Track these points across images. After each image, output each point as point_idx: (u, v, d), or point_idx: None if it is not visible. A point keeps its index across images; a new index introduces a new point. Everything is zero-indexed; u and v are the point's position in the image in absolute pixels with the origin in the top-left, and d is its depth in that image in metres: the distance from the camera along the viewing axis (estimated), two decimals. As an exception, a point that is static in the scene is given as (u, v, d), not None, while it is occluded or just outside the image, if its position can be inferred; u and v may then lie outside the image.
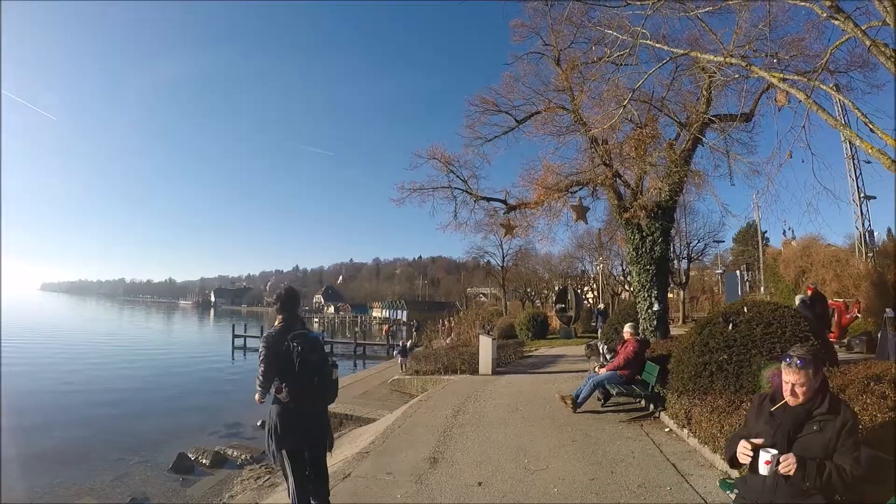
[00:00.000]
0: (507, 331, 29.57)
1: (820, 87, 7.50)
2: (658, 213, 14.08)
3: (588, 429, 8.20)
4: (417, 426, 9.14)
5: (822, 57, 8.02)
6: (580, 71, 14.75)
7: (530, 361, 18.52)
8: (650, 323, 13.90)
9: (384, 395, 16.15)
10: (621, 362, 9.53)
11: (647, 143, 13.64)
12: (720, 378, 7.17)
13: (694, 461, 6.23)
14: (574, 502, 5.17)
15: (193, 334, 73.54)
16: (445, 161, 17.14)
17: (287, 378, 4.54)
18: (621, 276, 47.72)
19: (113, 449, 15.47)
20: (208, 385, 29.16)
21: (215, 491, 11.71)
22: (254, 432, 17.92)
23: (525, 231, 17.30)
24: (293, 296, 5.04)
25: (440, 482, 5.97)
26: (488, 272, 59.86)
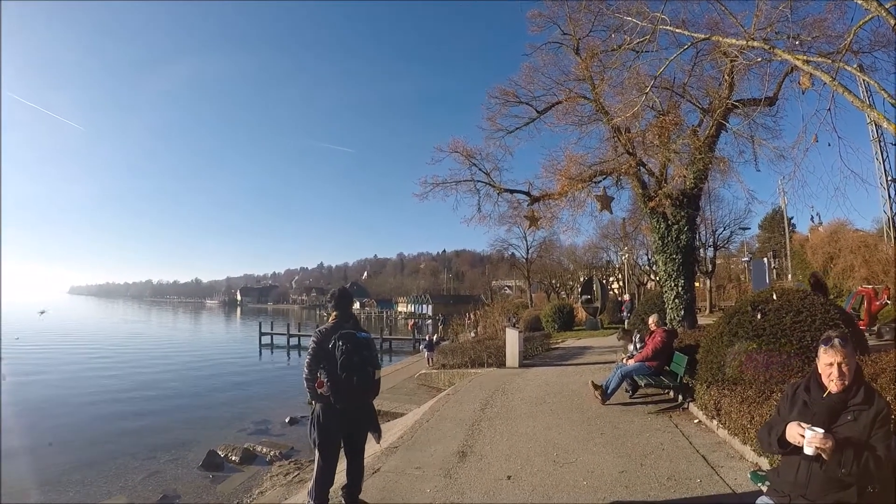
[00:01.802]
0: (533, 323, 29.52)
1: (844, 69, 7.34)
2: (683, 202, 13.93)
3: (616, 421, 8.17)
4: (445, 420, 9.16)
5: (846, 37, 7.85)
6: (600, 59, 14.58)
7: (557, 353, 18.49)
8: (677, 313, 13.78)
9: (411, 390, 16.25)
10: (649, 353, 9.47)
11: (671, 131, 13.48)
12: (749, 367, 7.08)
13: (724, 453, 6.17)
14: (604, 495, 5.14)
15: (221, 333, 74.44)
16: (467, 154, 17.09)
17: (329, 374, 4.71)
18: (647, 266, 47.33)
19: (144, 447, 15.77)
20: (236, 383, 29.59)
21: (245, 487, 11.89)
22: (282, 429, 18.16)
23: (549, 222, 17.19)
24: (345, 295, 5.27)
25: (469, 476, 5.98)
26: (513, 264, 59.85)
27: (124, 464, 14.17)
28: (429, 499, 5.36)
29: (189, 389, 26.86)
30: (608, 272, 55.18)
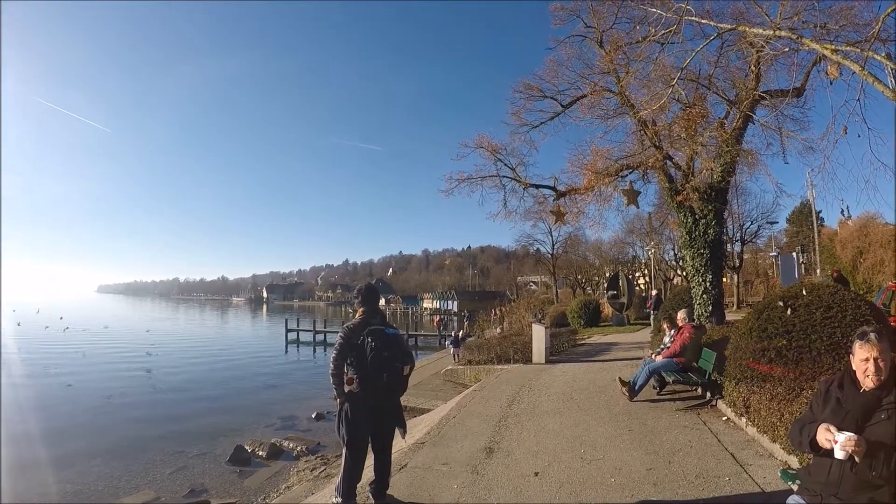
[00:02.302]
0: (559, 319, 29.38)
1: (873, 58, 7.19)
2: (711, 195, 13.74)
3: (644, 417, 8.14)
4: (472, 416, 9.18)
5: (874, 25, 7.70)
6: (624, 52, 14.40)
7: (583, 349, 18.42)
8: (705, 308, 13.63)
9: (437, 386, 16.31)
10: (677, 349, 9.41)
11: (697, 123, 13.29)
12: (779, 364, 7.01)
13: (753, 451, 6.12)
14: (632, 493, 5.13)
15: (247, 330, 75.25)
16: (492, 150, 16.95)
17: (358, 371, 4.78)
18: (673, 261, 46.83)
19: (171, 442, 16.02)
20: (263, 379, 29.87)
21: (272, 482, 12.06)
22: (308, 424, 18.32)
23: (575, 217, 17.06)
24: (372, 291, 5.32)
25: (496, 472, 5.99)
26: (538, 260, 59.53)
27: (152, 458, 14.42)
28: (456, 495, 5.38)
29: (217, 385, 27.27)
30: (634, 267, 54.70)
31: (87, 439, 16.30)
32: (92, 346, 41.93)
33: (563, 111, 16.36)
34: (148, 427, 18.01)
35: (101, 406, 21.36)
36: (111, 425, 18.23)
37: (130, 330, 61.57)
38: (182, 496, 11.68)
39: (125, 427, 18.03)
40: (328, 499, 5.56)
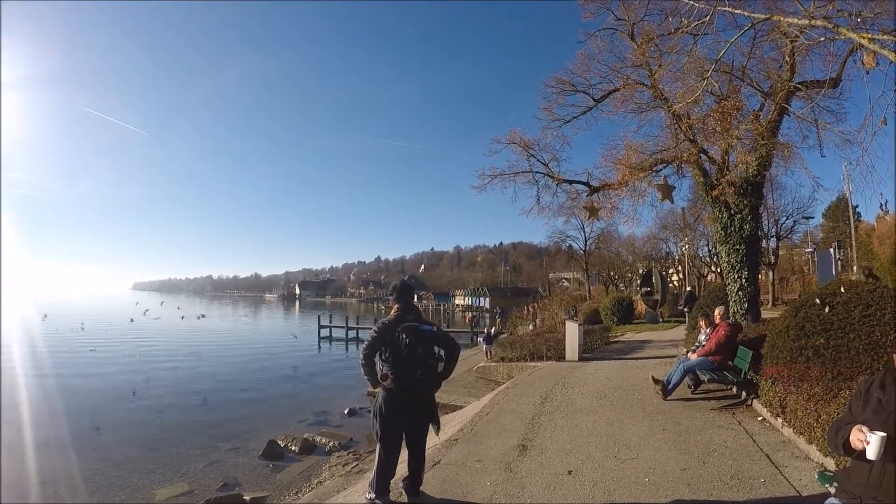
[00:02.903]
0: (592, 316, 29.16)
1: (910, 46, 7.02)
2: (747, 190, 13.51)
3: (678, 417, 8.09)
4: (505, 413, 9.22)
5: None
6: (656, 44, 14.12)
7: (616, 347, 18.33)
8: (741, 306, 13.43)
9: (470, 383, 16.33)
10: (713, 347, 9.32)
11: (732, 116, 13.05)
12: (816, 364, 6.90)
13: (788, 452, 6.05)
14: (666, 493, 5.12)
15: (280, 326, 76.01)
16: (525, 145, 16.80)
17: (393, 367, 4.81)
18: (707, 258, 46.14)
19: (205, 436, 16.26)
20: (296, 374, 30.23)
21: (304, 477, 12.14)
22: (341, 420, 18.49)
23: (609, 213, 16.79)
24: (406, 287, 5.35)
25: (530, 470, 6.01)
26: (570, 256, 59.15)
27: (185, 452, 14.63)
28: (489, 492, 5.40)
29: (250, 381, 27.60)
30: (668, 264, 54.01)
31: (122, 432, 16.69)
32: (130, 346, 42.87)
33: (596, 105, 16.15)
34: (182, 421, 18.38)
35: (136, 400, 21.90)
36: (146, 419, 18.64)
37: (166, 327, 62.94)
38: (215, 489, 11.81)
39: (160, 421, 18.43)
40: (361, 494, 5.62)
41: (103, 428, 17.03)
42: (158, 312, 69.68)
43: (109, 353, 36.69)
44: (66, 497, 11.63)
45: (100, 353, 36.30)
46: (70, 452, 14.38)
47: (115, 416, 19.10)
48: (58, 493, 11.79)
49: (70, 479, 12.47)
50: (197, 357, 34.66)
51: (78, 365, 30.45)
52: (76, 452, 14.36)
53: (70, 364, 30.78)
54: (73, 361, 31.85)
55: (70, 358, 33.16)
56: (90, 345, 39.63)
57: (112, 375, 27.81)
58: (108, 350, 37.98)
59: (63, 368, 28.73)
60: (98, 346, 39.34)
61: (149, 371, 29.50)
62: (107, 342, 42.48)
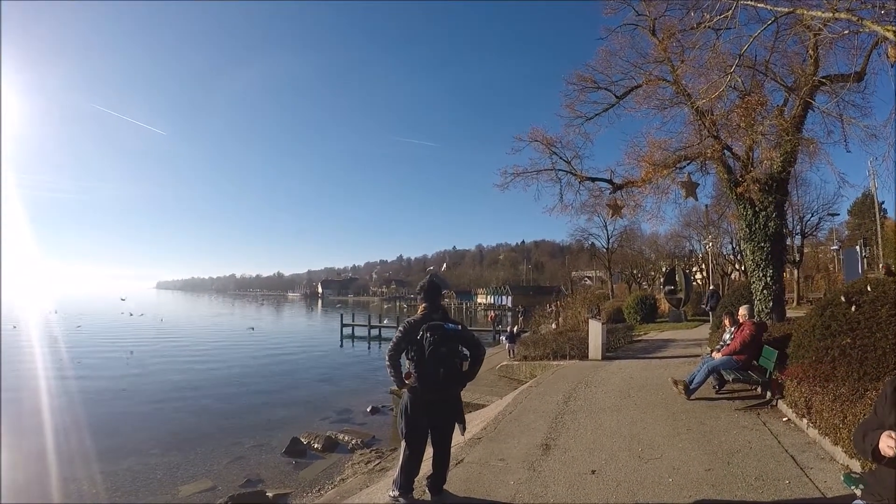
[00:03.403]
0: (615, 315, 28.99)
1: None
2: (772, 186, 13.37)
3: (703, 417, 8.05)
4: (528, 412, 9.24)
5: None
6: (678, 39, 13.99)
7: (640, 346, 18.26)
8: (765, 304, 13.29)
9: (492, 381, 16.35)
10: (737, 347, 9.26)
11: (756, 112, 12.90)
12: (843, 364, 6.80)
13: (813, 453, 6.00)
14: (690, 493, 5.12)
15: (303, 324, 76.78)
16: (547, 143, 16.72)
17: (417, 366, 4.86)
18: (731, 255, 45.63)
19: (229, 433, 16.55)
20: (319, 373, 30.54)
21: (327, 474, 12.40)
22: (364, 418, 18.67)
23: (632, 211, 16.64)
24: (434, 286, 5.34)
25: (553, 469, 6.03)
26: (593, 255, 58.96)
27: (210, 449, 14.93)
28: (512, 491, 5.43)
29: (273, 378, 28.03)
30: (691, 262, 53.47)
31: (147, 430, 17.01)
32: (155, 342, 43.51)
33: (618, 102, 16.06)
34: (206, 418, 18.74)
35: (160, 398, 22.26)
36: (170, 416, 19.02)
37: (191, 326, 63.85)
38: (238, 486, 12.07)
39: (184, 418, 18.79)
40: (385, 492, 5.67)
41: (128, 426, 17.41)
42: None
43: (144, 353, 37.32)
44: (91, 493, 11.88)
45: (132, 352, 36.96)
46: (95, 449, 14.70)
47: (140, 414, 19.49)
48: (81, 490, 12.05)
49: (95, 476, 12.74)
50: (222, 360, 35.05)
51: (109, 367, 31.00)
52: (101, 449, 14.68)
53: (98, 365, 31.44)
54: (104, 363, 32.43)
55: (102, 360, 33.73)
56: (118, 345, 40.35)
57: (139, 375, 28.34)
58: (140, 350, 38.60)
59: (92, 370, 29.31)
60: (126, 346, 40.08)
61: (171, 369, 30.05)
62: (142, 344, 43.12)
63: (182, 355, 36.45)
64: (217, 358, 35.40)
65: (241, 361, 34.19)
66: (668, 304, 29.79)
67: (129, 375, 27.93)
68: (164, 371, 29.71)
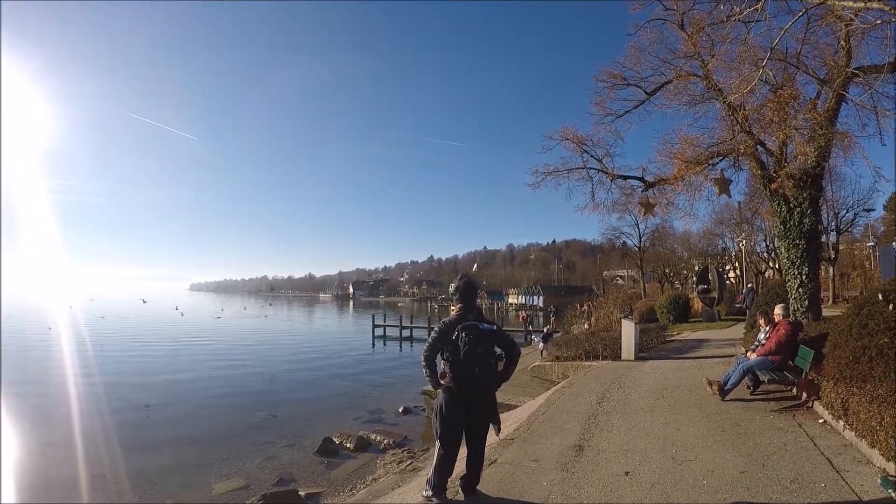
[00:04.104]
0: (648, 314, 28.71)
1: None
2: (806, 182, 13.15)
3: (737, 418, 7.99)
4: (561, 413, 9.26)
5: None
6: (707, 33, 13.76)
7: (673, 346, 18.09)
8: (801, 303, 13.09)
9: (525, 382, 16.33)
10: (773, 347, 9.16)
11: (789, 105, 12.68)
12: (880, 364, 6.68)
13: (850, 456, 5.92)
14: (724, 496, 5.11)
15: (334, 325, 77.39)
16: (578, 141, 16.61)
17: (452, 366, 4.93)
18: (765, 253, 44.87)
19: (262, 432, 16.75)
20: (351, 373, 30.73)
21: (359, 474, 12.46)
22: (395, 418, 18.76)
23: (665, 209, 16.48)
24: (470, 287, 5.35)
25: (586, 470, 6.04)
26: (625, 254, 58.35)
27: (242, 448, 15.09)
28: (545, 492, 5.46)
29: (305, 379, 28.33)
30: (724, 260, 52.68)
31: (181, 429, 17.34)
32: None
33: (648, 98, 15.89)
34: (239, 418, 18.96)
35: (194, 397, 22.72)
36: (205, 416, 19.30)
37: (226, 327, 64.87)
38: (271, 485, 12.20)
39: (217, 417, 19.06)
40: (417, 492, 5.75)
41: (163, 425, 17.80)
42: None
43: (183, 352, 38.11)
44: (123, 491, 12.12)
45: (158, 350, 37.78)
46: (129, 448, 15.00)
47: (174, 412, 19.87)
48: (118, 487, 12.31)
49: (128, 474, 12.98)
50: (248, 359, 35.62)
51: (141, 365, 31.69)
52: (135, 448, 14.99)
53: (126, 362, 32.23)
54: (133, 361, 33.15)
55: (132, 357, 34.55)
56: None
57: (172, 374, 28.89)
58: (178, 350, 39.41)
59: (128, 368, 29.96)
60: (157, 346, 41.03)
61: (206, 370, 30.54)
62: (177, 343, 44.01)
63: (214, 355, 37.14)
64: (250, 358, 35.91)
65: (274, 362, 34.58)
66: (701, 304, 29.42)
67: (167, 374, 28.57)
68: (199, 371, 30.21)
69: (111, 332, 52.52)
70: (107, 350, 37.23)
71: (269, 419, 18.85)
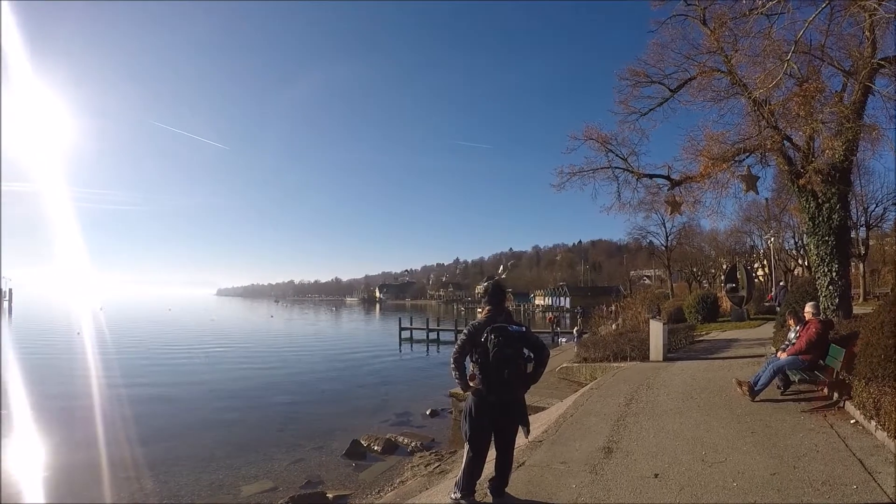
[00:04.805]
0: (676, 314, 28.36)
1: None
2: (834, 177, 12.96)
3: (768, 419, 7.93)
4: (590, 415, 9.24)
5: None
6: (730, 28, 13.63)
7: (702, 347, 17.91)
8: (831, 301, 12.90)
9: (552, 384, 16.29)
10: (803, 346, 9.05)
11: (814, 99, 12.51)
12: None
13: (882, 457, 5.85)
14: (755, 498, 5.07)
15: (362, 328, 77.93)
16: (602, 140, 16.62)
17: (482, 368, 4.94)
18: (794, 251, 44.17)
19: (290, 435, 16.96)
20: (378, 375, 31.07)
21: (386, 476, 12.62)
22: (423, 421, 18.90)
23: (692, 207, 16.39)
24: (499, 289, 5.41)
25: (615, 473, 6.03)
26: (651, 253, 58.00)
27: (271, 451, 15.30)
28: (574, 494, 5.46)
29: (333, 382, 28.63)
30: (752, 258, 51.94)
31: (210, 432, 17.62)
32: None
33: (672, 96, 15.78)
34: (267, 421, 19.25)
35: (223, 400, 23.05)
36: (234, 419, 19.57)
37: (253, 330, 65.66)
38: (299, 487, 12.36)
39: (246, 420, 19.32)
40: (445, 494, 5.79)
41: (192, 427, 18.16)
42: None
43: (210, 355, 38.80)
44: (156, 491, 12.38)
45: (191, 356, 38.38)
46: (159, 449, 15.34)
47: (204, 414, 20.23)
48: (146, 487, 12.57)
49: (158, 475, 13.28)
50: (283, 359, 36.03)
51: (174, 371, 32.10)
52: (163, 450, 15.29)
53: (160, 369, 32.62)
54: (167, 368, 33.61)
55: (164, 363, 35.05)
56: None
57: (202, 376, 29.47)
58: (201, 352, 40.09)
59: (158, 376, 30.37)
60: (187, 350, 41.75)
61: (234, 373, 31.04)
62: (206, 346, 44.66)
63: (243, 358, 37.75)
64: (278, 361, 36.39)
65: (302, 365, 35.03)
66: (729, 303, 29.09)
67: (197, 376, 29.24)
68: (226, 373, 30.81)
69: (138, 336, 53.67)
70: (135, 354, 37.98)
71: (297, 421, 19.11)
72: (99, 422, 18.01)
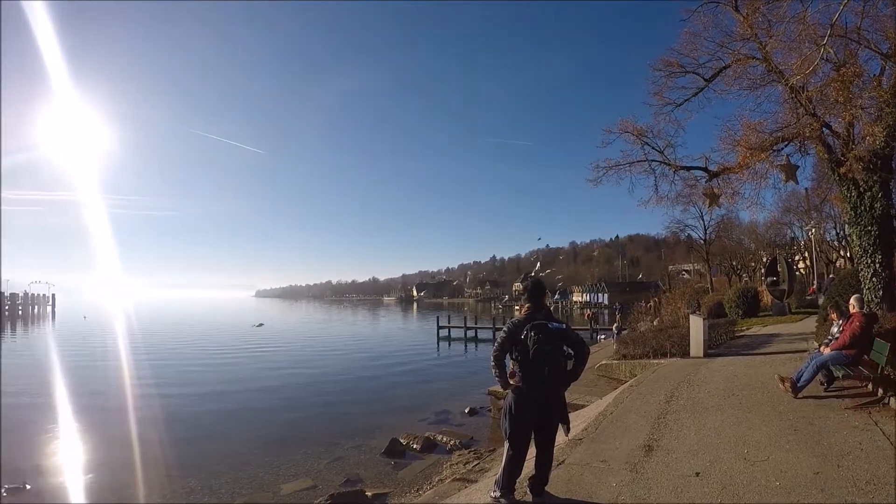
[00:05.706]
0: (716, 309, 27.99)
1: None
2: (875, 164, 12.63)
3: (811, 416, 7.82)
4: (630, 413, 9.21)
5: None
6: (763, 14, 13.36)
7: (742, 342, 17.68)
8: (875, 293, 12.60)
9: (591, 381, 16.24)
10: (847, 340, 8.85)
11: (853, 84, 12.20)
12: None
13: (929, 455, 5.73)
14: (798, 498, 5.03)
15: (400, 327, 78.25)
16: (638, 133, 16.55)
17: (522, 365, 4.98)
18: (835, 242, 43.06)
19: (329, 434, 17.15)
20: (417, 374, 31.23)
21: (425, 475, 12.68)
22: (462, 419, 18.96)
23: (731, 199, 16.17)
24: (538, 286, 5.44)
25: (656, 471, 6.02)
26: (690, 247, 56.90)
27: (310, 450, 15.47)
28: (615, 493, 5.46)
29: (372, 381, 28.86)
30: (793, 250, 50.77)
31: (250, 431, 17.89)
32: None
33: (707, 85, 15.59)
34: (306, 420, 19.53)
35: (263, 400, 23.39)
36: (274, 418, 19.88)
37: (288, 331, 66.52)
38: (338, 485, 12.50)
39: (285, 420, 19.60)
40: (485, 493, 5.84)
41: (233, 426, 18.54)
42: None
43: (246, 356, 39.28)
44: (197, 489, 12.67)
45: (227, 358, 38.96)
46: (200, 448, 15.74)
47: (244, 415, 20.54)
48: (188, 485, 12.85)
49: (199, 473, 13.57)
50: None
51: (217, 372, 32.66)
52: (205, 449, 15.65)
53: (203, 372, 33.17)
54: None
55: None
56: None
57: (246, 376, 29.97)
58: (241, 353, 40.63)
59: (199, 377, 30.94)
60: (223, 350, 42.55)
61: (274, 373, 31.46)
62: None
63: (282, 359, 38.17)
64: (316, 361, 36.82)
65: (341, 364, 35.43)
66: (770, 297, 28.55)
67: (241, 377, 29.70)
68: (266, 374, 31.22)
69: (170, 338, 54.94)
70: (172, 357, 38.68)
71: (336, 420, 19.33)
72: (135, 422, 18.45)
